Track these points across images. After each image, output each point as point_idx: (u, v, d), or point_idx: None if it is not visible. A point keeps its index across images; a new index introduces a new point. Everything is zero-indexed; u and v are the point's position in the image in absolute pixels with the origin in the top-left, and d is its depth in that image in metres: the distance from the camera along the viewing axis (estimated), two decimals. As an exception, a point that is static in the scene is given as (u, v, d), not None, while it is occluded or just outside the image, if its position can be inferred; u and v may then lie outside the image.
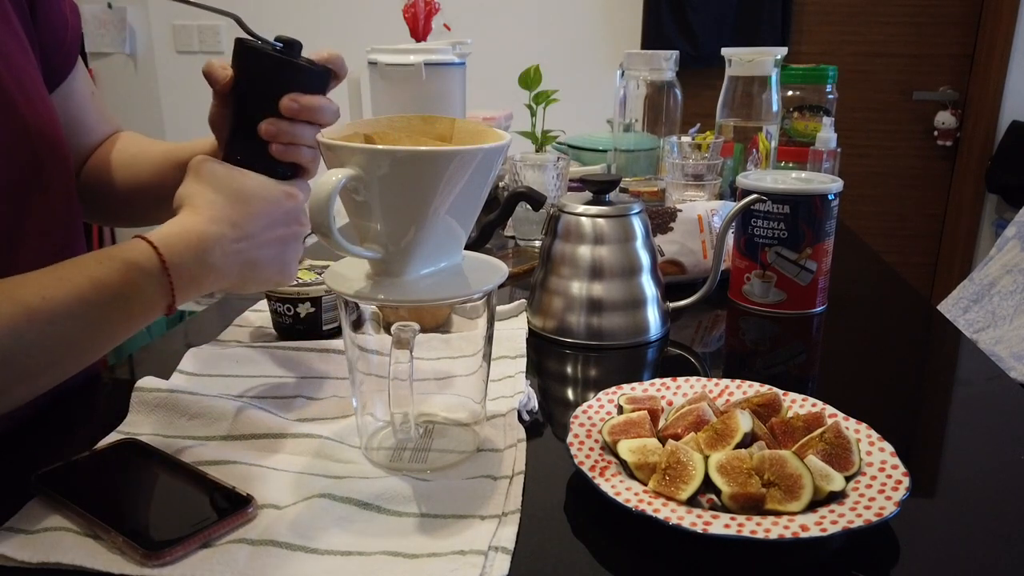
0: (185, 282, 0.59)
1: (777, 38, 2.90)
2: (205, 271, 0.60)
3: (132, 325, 0.58)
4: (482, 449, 0.60)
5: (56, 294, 0.52)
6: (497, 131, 0.55)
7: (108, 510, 0.50)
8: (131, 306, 0.56)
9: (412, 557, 0.47)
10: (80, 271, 0.55)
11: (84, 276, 0.55)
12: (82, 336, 0.54)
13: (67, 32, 0.76)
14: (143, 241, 0.58)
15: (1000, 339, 2.08)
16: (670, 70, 1.34)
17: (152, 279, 0.57)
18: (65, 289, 0.53)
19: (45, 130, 0.67)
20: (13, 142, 0.64)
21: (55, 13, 0.74)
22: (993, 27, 2.83)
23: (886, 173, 3.08)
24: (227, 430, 0.61)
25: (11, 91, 0.64)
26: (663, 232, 1.00)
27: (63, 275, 0.54)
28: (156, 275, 0.57)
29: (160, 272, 0.57)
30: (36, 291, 0.52)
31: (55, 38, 0.74)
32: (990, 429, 0.65)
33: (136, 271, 0.56)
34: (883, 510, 0.48)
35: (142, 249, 0.57)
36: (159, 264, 0.57)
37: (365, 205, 0.51)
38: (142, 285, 0.56)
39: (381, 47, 1.21)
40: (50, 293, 0.52)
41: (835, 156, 1.35)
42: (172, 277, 0.58)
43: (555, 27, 3.06)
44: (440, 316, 0.60)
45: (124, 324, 0.57)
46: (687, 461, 0.52)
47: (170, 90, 3.31)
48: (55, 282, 0.53)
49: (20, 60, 0.67)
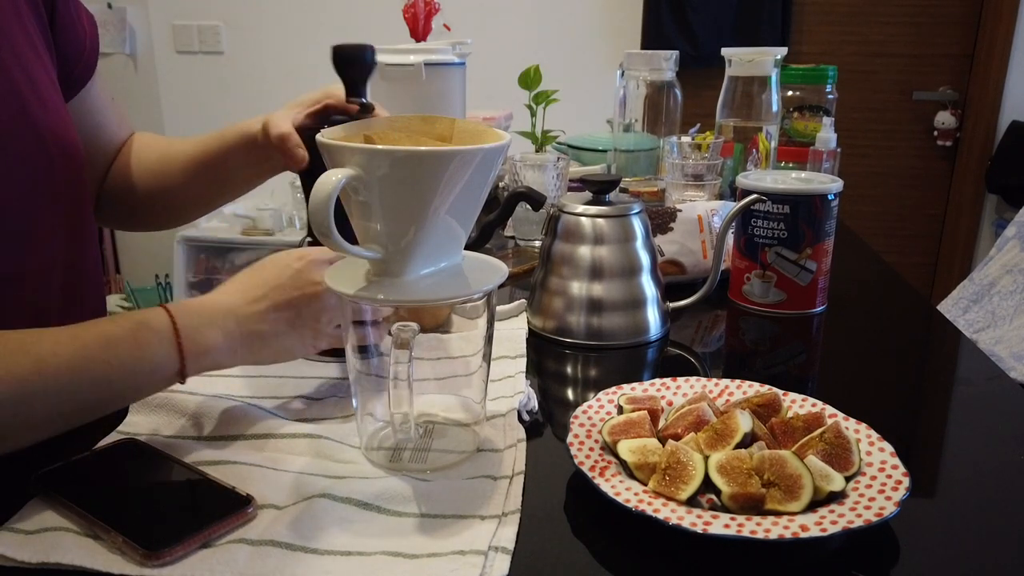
0: (197, 348, 0.58)
1: (777, 38, 2.90)
2: (217, 339, 0.59)
3: (140, 385, 0.58)
4: (482, 449, 0.60)
5: (66, 349, 0.53)
6: (497, 131, 0.55)
7: (108, 510, 0.50)
8: (139, 364, 0.56)
9: (412, 557, 0.47)
10: (93, 328, 0.56)
11: (96, 332, 0.55)
12: (87, 391, 0.54)
13: (86, 42, 0.77)
14: (160, 307, 0.59)
15: (1000, 339, 2.08)
16: (670, 70, 1.34)
17: (161, 338, 0.57)
18: (75, 345, 0.54)
19: (59, 137, 0.68)
20: (28, 148, 0.65)
21: (75, 24, 0.75)
22: (993, 27, 2.83)
23: (886, 173, 3.08)
24: (227, 430, 0.61)
25: (27, 97, 0.65)
26: (663, 232, 1.00)
27: (77, 332, 0.55)
28: (166, 335, 0.57)
29: (169, 332, 0.57)
30: (50, 346, 0.53)
31: (75, 49, 0.75)
32: (990, 429, 0.65)
33: (146, 330, 0.57)
34: (883, 510, 0.48)
35: (156, 311, 0.58)
36: (169, 324, 0.58)
37: (365, 205, 0.51)
38: (151, 344, 0.56)
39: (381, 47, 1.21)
40: (61, 348, 0.53)
41: (835, 156, 1.35)
42: (181, 339, 0.57)
43: (555, 27, 3.05)
44: (440, 316, 0.60)
45: (131, 383, 0.57)
46: (687, 461, 0.52)
47: (170, 90, 3.31)
48: (69, 338, 0.54)
49: (36, 68, 0.68)
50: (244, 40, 3.22)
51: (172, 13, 3.22)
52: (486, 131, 0.56)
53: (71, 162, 0.70)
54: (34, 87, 0.66)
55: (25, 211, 0.65)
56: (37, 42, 0.69)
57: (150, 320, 0.57)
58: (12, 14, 0.67)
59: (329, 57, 0.71)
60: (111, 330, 0.56)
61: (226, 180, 0.84)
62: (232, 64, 3.25)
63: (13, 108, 0.64)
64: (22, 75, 0.65)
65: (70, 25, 0.74)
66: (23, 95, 0.65)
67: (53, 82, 0.71)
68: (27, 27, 0.68)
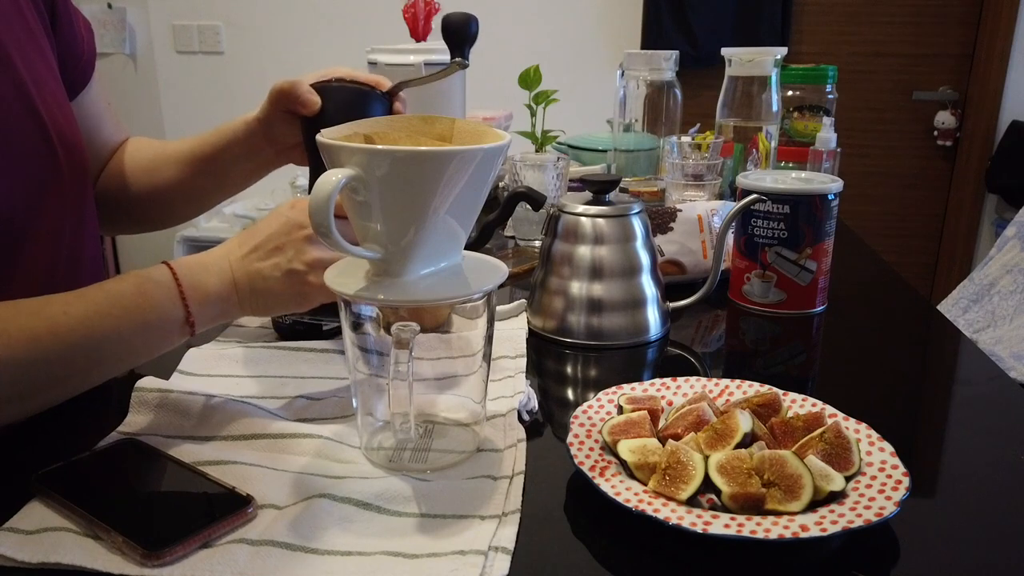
0: (198, 295, 0.61)
1: (777, 38, 2.90)
2: (216, 284, 0.62)
3: (151, 337, 0.61)
4: (482, 449, 0.60)
5: (76, 309, 0.56)
6: (497, 131, 0.55)
7: (108, 510, 0.50)
8: (147, 316, 0.59)
9: (412, 557, 0.47)
10: (100, 287, 0.59)
11: (102, 291, 0.59)
12: (101, 346, 0.57)
13: (83, 46, 0.79)
14: (161, 263, 0.62)
15: (1000, 339, 2.08)
16: (670, 70, 1.34)
17: (163, 289, 0.60)
18: (84, 303, 0.57)
19: (64, 134, 0.69)
20: (33, 144, 0.65)
21: (72, 29, 0.77)
22: (993, 27, 2.83)
23: (886, 173, 3.08)
24: (227, 430, 0.61)
25: (32, 96, 0.66)
26: (663, 232, 1.00)
27: (84, 292, 0.58)
28: (168, 285, 0.60)
29: (171, 282, 0.61)
30: (60, 307, 0.56)
31: (73, 53, 0.77)
32: (990, 429, 0.65)
33: (149, 283, 0.60)
34: (883, 510, 0.48)
35: (157, 267, 0.62)
36: (170, 275, 0.61)
37: (365, 205, 0.51)
38: (155, 295, 0.60)
39: (381, 47, 1.21)
40: (71, 308, 0.56)
41: (835, 156, 1.35)
42: (183, 287, 0.61)
43: (555, 27, 3.06)
44: (440, 316, 0.60)
45: (142, 335, 0.60)
46: (687, 461, 0.52)
47: (170, 90, 3.31)
48: (76, 298, 0.57)
49: (42, 68, 0.69)
50: (244, 40, 3.22)
51: (172, 13, 3.23)
52: (486, 131, 0.56)
53: (76, 159, 0.71)
54: (39, 85, 0.67)
55: (31, 207, 0.66)
56: (42, 42, 0.70)
57: (151, 273, 0.61)
58: (15, 13, 0.67)
59: (328, 58, 0.72)
60: (116, 287, 0.59)
61: (223, 174, 0.84)
62: (232, 64, 3.26)
63: (19, 105, 0.64)
64: (28, 74, 0.66)
65: (68, 29, 0.75)
66: (29, 93, 0.65)
67: (57, 80, 0.71)
68: (30, 25, 0.69)
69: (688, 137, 1.28)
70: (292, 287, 0.64)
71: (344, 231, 0.50)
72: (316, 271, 0.64)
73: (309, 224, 0.61)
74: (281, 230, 0.65)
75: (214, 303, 0.62)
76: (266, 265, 0.64)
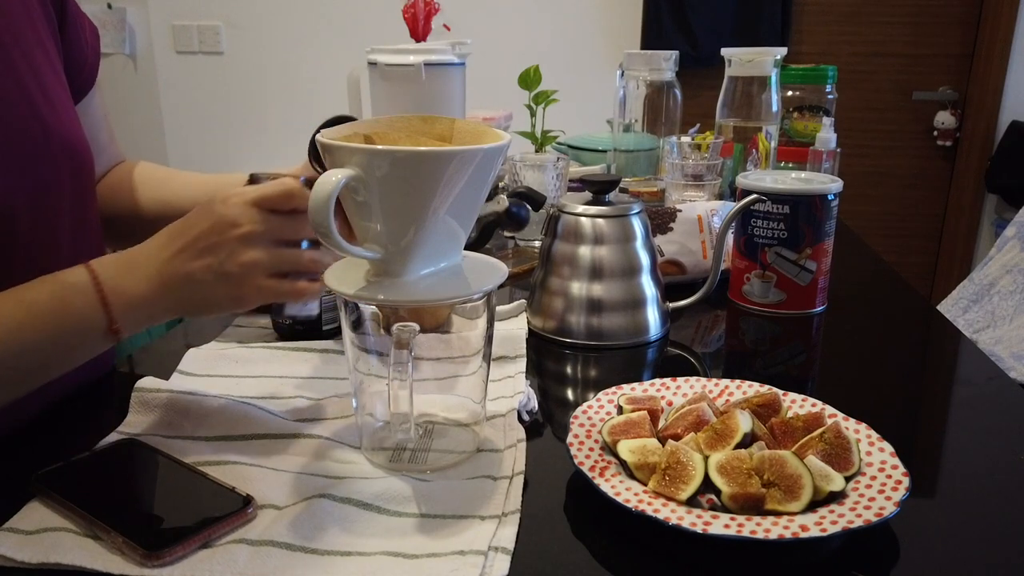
0: (121, 300, 0.56)
1: (777, 38, 2.90)
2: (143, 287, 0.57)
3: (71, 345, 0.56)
4: (482, 449, 0.60)
5: None
6: (497, 131, 0.55)
7: (108, 510, 0.50)
8: (64, 323, 0.55)
9: (412, 557, 0.47)
10: (12, 296, 0.55)
11: (15, 300, 0.54)
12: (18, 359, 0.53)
13: (88, 52, 0.78)
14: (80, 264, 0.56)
15: (1000, 339, 2.08)
16: (670, 70, 1.34)
17: (82, 295, 0.55)
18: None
19: (68, 139, 0.68)
20: (35, 145, 0.65)
21: (79, 34, 0.76)
22: (993, 27, 2.83)
23: (886, 173, 3.08)
24: (227, 430, 0.61)
25: (37, 100, 0.66)
26: (663, 232, 1.00)
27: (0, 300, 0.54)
28: (86, 290, 0.55)
29: (90, 286, 0.55)
30: None
31: (79, 58, 0.76)
32: (990, 429, 0.65)
33: (67, 288, 0.55)
34: (883, 510, 0.48)
35: (75, 268, 0.56)
36: (89, 278, 0.56)
37: (365, 205, 0.51)
38: (73, 301, 0.55)
39: (381, 47, 1.21)
40: None
41: (835, 156, 1.35)
42: (104, 291, 0.56)
43: (555, 27, 3.06)
44: (440, 316, 0.60)
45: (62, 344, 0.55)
46: (687, 461, 0.52)
47: (170, 90, 3.31)
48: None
49: (48, 73, 0.69)
50: (244, 40, 3.22)
51: (172, 13, 3.22)
52: (486, 131, 0.56)
53: (78, 161, 0.70)
54: (44, 90, 0.67)
55: (32, 207, 0.65)
56: (48, 46, 0.70)
57: (68, 277, 0.56)
58: (23, 14, 0.67)
59: (328, 58, 0.72)
60: (30, 295, 0.55)
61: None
62: (232, 64, 3.25)
63: (23, 106, 0.64)
64: (33, 79, 0.66)
65: (75, 34, 0.75)
66: (33, 97, 0.65)
67: (63, 84, 0.71)
68: (37, 26, 0.69)
69: (688, 137, 1.28)
70: (226, 290, 0.58)
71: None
72: (252, 273, 0.58)
73: (243, 222, 0.57)
74: (213, 228, 0.58)
75: (140, 307, 0.57)
76: (197, 267, 0.57)
